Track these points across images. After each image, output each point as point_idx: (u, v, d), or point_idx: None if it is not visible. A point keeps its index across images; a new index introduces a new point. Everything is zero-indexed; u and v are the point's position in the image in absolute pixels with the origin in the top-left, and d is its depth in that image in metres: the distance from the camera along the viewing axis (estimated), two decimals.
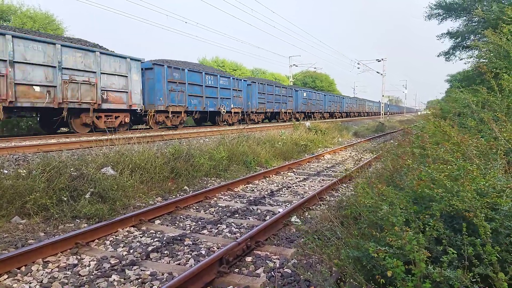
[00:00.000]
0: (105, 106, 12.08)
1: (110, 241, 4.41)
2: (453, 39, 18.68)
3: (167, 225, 5.04)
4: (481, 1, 14.82)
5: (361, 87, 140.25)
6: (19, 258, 3.59)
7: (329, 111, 38.05)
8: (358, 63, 40.38)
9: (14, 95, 9.49)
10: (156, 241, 4.40)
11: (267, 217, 5.33)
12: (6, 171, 5.95)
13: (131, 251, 4.08)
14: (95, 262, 3.77)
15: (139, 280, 3.37)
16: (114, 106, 12.45)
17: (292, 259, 3.84)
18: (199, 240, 4.43)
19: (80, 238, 4.15)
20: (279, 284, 3.29)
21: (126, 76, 12.87)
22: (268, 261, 3.81)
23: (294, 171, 9.48)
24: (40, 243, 3.90)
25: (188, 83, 16.07)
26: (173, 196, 6.59)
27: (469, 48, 17.84)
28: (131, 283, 3.34)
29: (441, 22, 18.74)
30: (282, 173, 9.18)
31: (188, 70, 16.17)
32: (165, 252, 4.06)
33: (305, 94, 30.73)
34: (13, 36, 9.45)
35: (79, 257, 3.89)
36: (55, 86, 10.47)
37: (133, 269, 3.60)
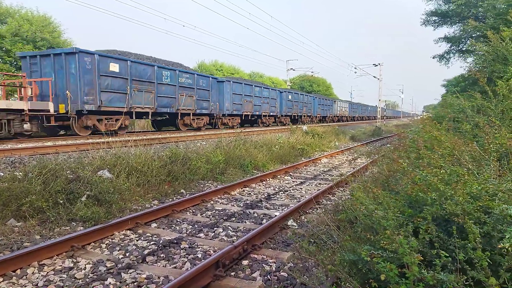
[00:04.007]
0: None
1: (106, 244, 4.40)
2: (449, 44, 18.88)
3: (163, 229, 5.04)
4: (476, 8, 14.97)
5: (359, 91, 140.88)
6: (15, 261, 3.57)
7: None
8: (355, 68, 40.56)
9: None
10: (152, 244, 4.39)
11: (264, 221, 5.34)
12: (2, 174, 5.94)
13: (127, 254, 4.08)
14: (91, 265, 3.76)
15: (135, 284, 3.37)
16: None
17: (289, 263, 3.85)
18: (196, 243, 4.43)
19: (76, 241, 4.14)
20: (276, 287, 3.30)
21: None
22: (264, 265, 3.81)
23: (291, 175, 9.50)
24: (35, 246, 3.89)
25: None
26: (170, 199, 6.59)
27: (464, 53, 18.00)
28: (127, 286, 3.33)
29: (437, 28, 18.98)
30: (279, 176, 9.19)
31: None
32: (161, 255, 4.05)
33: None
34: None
35: (74, 260, 3.88)
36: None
37: (129, 272, 3.60)
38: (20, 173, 5.62)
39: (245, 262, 3.88)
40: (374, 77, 40.40)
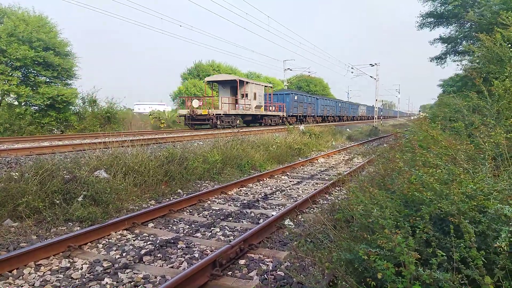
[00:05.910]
0: None
1: (103, 244, 4.39)
2: (445, 45, 18.95)
3: (160, 228, 5.03)
4: (473, 8, 15.05)
5: (355, 91, 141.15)
6: (11, 261, 3.57)
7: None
8: (352, 68, 40.65)
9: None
10: (149, 244, 4.39)
11: (261, 220, 5.35)
12: None
13: (124, 254, 4.07)
14: (87, 265, 3.76)
15: (132, 283, 3.37)
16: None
17: (285, 262, 3.86)
18: (193, 243, 4.43)
19: (72, 241, 4.13)
20: (272, 286, 3.30)
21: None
22: (261, 264, 3.82)
23: (288, 175, 9.51)
24: (32, 246, 3.88)
25: None
26: (167, 199, 6.58)
27: (461, 53, 18.08)
28: (124, 286, 3.33)
29: (433, 29, 19.03)
30: (276, 176, 9.20)
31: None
32: (158, 255, 4.05)
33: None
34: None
35: (71, 260, 3.88)
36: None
37: (126, 272, 3.59)
38: (17, 173, 5.60)
39: (242, 262, 3.88)
40: (371, 77, 40.52)
